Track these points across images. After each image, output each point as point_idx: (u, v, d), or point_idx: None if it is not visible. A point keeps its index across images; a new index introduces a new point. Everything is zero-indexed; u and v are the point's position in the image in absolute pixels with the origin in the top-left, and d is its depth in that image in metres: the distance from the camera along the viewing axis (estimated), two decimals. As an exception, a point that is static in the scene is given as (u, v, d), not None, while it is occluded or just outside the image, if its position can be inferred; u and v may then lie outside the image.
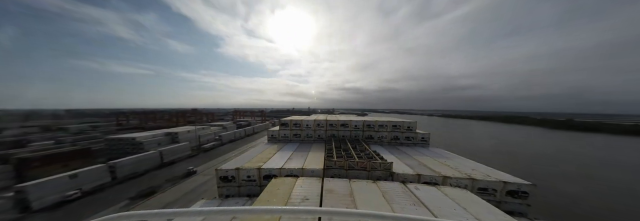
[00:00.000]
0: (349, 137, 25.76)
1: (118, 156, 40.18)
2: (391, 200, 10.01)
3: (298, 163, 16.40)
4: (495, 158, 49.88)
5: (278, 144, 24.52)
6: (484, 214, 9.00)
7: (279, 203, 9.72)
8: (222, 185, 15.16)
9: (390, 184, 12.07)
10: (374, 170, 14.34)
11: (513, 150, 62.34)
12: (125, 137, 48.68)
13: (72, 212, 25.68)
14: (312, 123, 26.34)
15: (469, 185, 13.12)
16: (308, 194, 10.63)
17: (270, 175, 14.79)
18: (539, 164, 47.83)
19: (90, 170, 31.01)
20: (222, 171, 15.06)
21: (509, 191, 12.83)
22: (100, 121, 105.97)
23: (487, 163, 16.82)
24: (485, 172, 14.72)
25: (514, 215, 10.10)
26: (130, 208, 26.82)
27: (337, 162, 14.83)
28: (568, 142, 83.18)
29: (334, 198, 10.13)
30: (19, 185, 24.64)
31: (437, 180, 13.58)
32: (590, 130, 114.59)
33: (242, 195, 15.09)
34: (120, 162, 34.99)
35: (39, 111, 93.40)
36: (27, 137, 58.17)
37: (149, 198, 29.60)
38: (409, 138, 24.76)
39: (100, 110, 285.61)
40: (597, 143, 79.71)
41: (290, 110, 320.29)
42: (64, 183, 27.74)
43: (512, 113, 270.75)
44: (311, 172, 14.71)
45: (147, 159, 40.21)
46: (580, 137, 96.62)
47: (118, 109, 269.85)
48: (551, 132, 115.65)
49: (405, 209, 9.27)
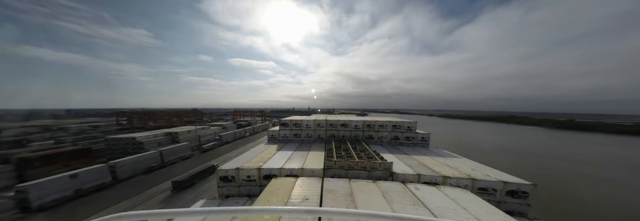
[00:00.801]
0: (349, 136, 25.76)
1: (118, 156, 40.21)
2: (391, 200, 10.01)
3: (298, 163, 16.40)
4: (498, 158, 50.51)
5: (278, 144, 24.53)
6: (484, 214, 9.00)
7: (279, 203, 9.72)
8: (222, 185, 15.16)
9: (390, 184, 12.07)
10: (374, 170, 14.34)
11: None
12: (126, 136, 48.69)
13: (72, 212, 25.70)
14: (312, 123, 26.34)
15: (469, 185, 13.11)
16: (308, 194, 10.63)
17: (270, 175, 14.79)
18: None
19: (90, 169, 31.03)
20: (222, 171, 15.07)
21: (509, 191, 12.82)
22: (100, 121, 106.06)
23: (487, 163, 16.83)
24: (485, 172, 14.72)
25: (514, 215, 10.09)
26: (130, 208, 26.84)
27: (337, 162, 14.83)
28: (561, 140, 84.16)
29: (334, 198, 10.13)
30: (20, 185, 24.66)
31: (437, 180, 13.57)
32: (589, 130, 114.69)
33: (242, 195, 15.09)
34: (120, 162, 35.03)
35: (39, 111, 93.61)
36: (27, 137, 58.18)
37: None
38: (409, 138, 24.75)
39: (100, 110, 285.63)
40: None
41: (290, 110, 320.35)
42: (65, 183, 27.76)
43: (513, 114, 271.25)
44: (311, 172, 14.71)
45: (147, 159, 40.25)
46: (578, 136, 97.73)
47: (118, 109, 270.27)
48: (551, 131, 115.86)
49: (405, 209, 9.27)
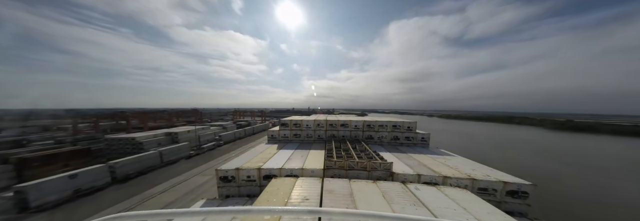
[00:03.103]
0: (349, 137, 25.75)
1: (118, 156, 40.15)
2: (391, 200, 10.01)
3: (298, 163, 16.39)
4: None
5: (278, 144, 24.52)
6: (484, 214, 9.00)
7: (279, 203, 9.72)
8: (222, 185, 15.16)
9: (390, 184, 12.07)
10: (374, 170, 14.34)
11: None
12: (125, 137, 48.63)
13: (71, 212, 25.65)
14: (312, 123, 26.33)
15: (469, 185, 13.11)
16: (308, 194, 10.63)
17: (270, 175, 14.79)
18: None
19: (90, 170, 30.98)
20: (222, 171, 15.06)
21: (509, 192, 12.82)
22: (100, 121, 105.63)
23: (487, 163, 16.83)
24: (485, 172, 14.72)
25: (514, 215, 10.09)
26: (129, 208, 26.80)
27: (337, 162, 14.83)
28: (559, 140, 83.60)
29: (334, 198, 10.12)
30: (19, 185, 24.61)
31: (437, 180, 13.57)
32: (588, 131, 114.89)
33: (242, 195, 15.09)
34: (120, 162, 35.00)
35: (38, 111, 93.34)
36: (27, 137, 58.08)
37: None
38: (409, 138, 24.76)
39: (100, 110, 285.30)
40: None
41: (290, 110, 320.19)
42: (64, 183, 27.72)
43: (512, 114, 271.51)
44: (311, 172, 14.71)
45: (147, 159, 40.23)
46: (575, 136, 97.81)
47: (118, 109, 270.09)
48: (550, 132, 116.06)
49: (405, 209, 9.26)
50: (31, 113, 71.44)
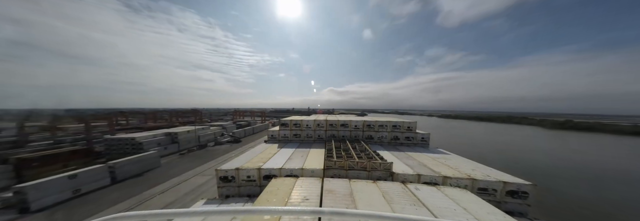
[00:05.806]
0: (349, 137, 25.76)
1: (118, 156, 40.12)
2: (391, 200, 10.01)
3: (298, 163, 16.39)
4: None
5: (278, 144, 24.52)
6: (484, 214, 9.00)
7: (279, 203, 9.71)
8: (222, 185, 15.16)
9: (390, 184, 12.07)
10: (374, 170, 14.34)
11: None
12: (125, 137, 48.61)
13: (71, 212, 25.62)
14: (312, 123, 26.33)
15: (469, 185, 13.12)
16: (308, 194, 10.63)
17: (270, 175, 14.79)
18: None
19: (89, 170, 30.95)
20: (222, 171, 15.05)
21: (509, 192, 12.83)
22: (100, 121, 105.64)
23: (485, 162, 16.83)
24: (485, 172, 14.72)
25: (514, 215, 10.09)
26: (130, 208, 26.78)
27: (337, 162, 14.83)
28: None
29: (334, 198, 10.12)
30: (18, 186, 24.58)
31: (437, 180, 13.57)
32: (587, 130, 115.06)
33: (242, 195, 15.08)
34: (120, 162, 34.98)
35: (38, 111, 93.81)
36: (26, 137, 57.99)
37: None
38: (409, 138, 24.77)
39: (100, 110, 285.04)
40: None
41: (290, 110, 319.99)
42: (63, 184, 27.69)
43: (512, 114, 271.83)
44: (311, 172, 14.71)
45: (147, 159, 40.23)
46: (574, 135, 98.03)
47: (118, 109, 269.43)
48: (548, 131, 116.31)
49: (405, 209, 9.26)
50: (31, 113, 71.38)
